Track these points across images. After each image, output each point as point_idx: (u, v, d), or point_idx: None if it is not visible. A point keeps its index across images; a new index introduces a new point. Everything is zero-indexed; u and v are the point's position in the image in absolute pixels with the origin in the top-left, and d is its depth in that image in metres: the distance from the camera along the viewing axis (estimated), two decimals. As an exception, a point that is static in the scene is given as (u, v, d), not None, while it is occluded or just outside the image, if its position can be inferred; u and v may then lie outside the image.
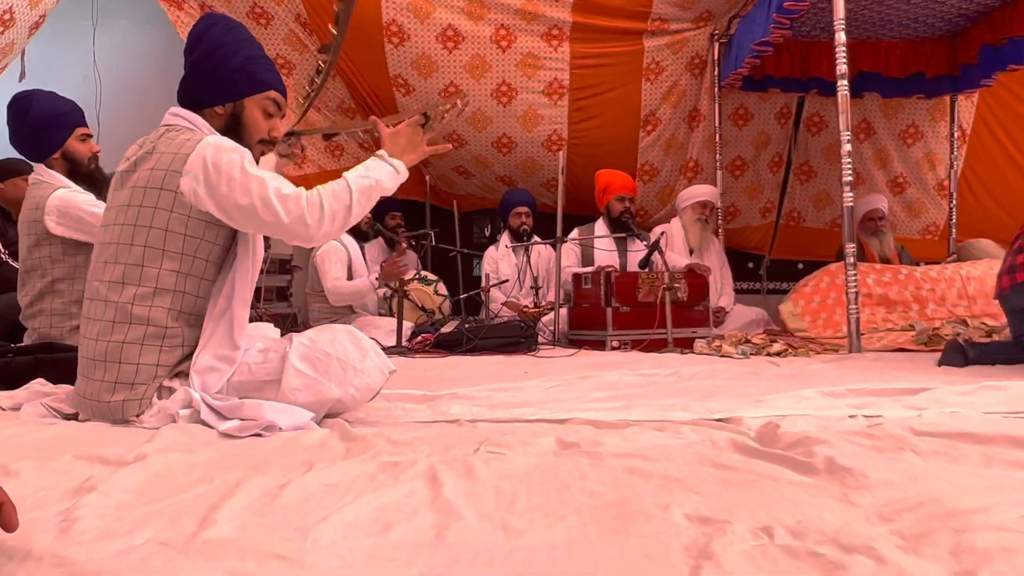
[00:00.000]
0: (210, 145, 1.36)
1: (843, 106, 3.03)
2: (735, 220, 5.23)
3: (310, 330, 1.40)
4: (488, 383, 2.02)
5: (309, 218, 1.36)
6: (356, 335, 1.41)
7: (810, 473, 0.96)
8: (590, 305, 3.55)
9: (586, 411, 1.51)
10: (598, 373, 2.27)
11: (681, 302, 3.48)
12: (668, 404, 1.60)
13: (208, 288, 1.39)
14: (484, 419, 1.45)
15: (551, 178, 5.02)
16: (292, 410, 1.30)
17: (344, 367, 1.37)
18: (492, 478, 0.97)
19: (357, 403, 1.40)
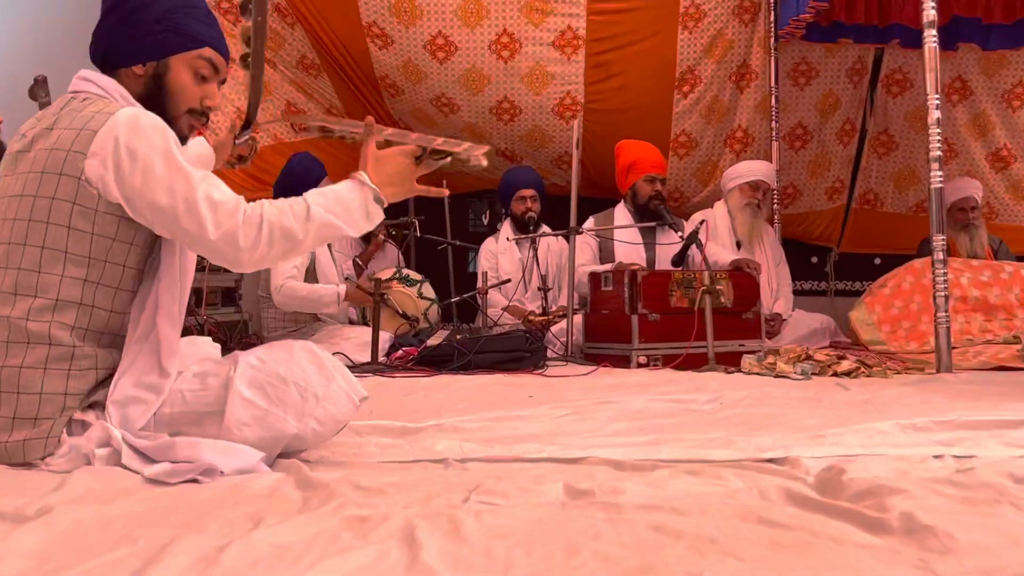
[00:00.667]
0: (124, 121, 1.34)
1: (931, 61, 3.02)
2: (795, 204, 5.23)
3: (259, 348, 1.40)
4: (483, 411, 2.02)
5: (242, 238, 1.35)
6: (318, 354, 1.41)
7: (882, 533, 0.96)
8: (611, 312, 3.56)
9: (604, 448, 1.51)
10: (620, 398, 2.26)
11: (725, 308, 3.48)
12: (706, 439, 1.60)
13: (126, 301, 1.39)
14: (477, 458, 1.46)
15: (563, 153, 5.03)
16: (237, 449, 1.31)
17: (304, 394, 1.37)
18: (484, 537, 0.97)
19: (319, 439, 1.41)
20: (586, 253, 4.13)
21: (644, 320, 3.40)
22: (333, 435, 1.44)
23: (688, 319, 3.36)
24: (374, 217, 1.46)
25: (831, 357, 3.05)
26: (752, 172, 4.25)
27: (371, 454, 1.50)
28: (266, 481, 1.24)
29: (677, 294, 3.46)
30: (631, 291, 3.43)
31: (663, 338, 3.41)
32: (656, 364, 3.34)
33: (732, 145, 4.93)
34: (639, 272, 3.44)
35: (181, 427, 1.35)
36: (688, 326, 3.33)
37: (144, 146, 1.34)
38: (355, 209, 1.44)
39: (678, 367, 3.24)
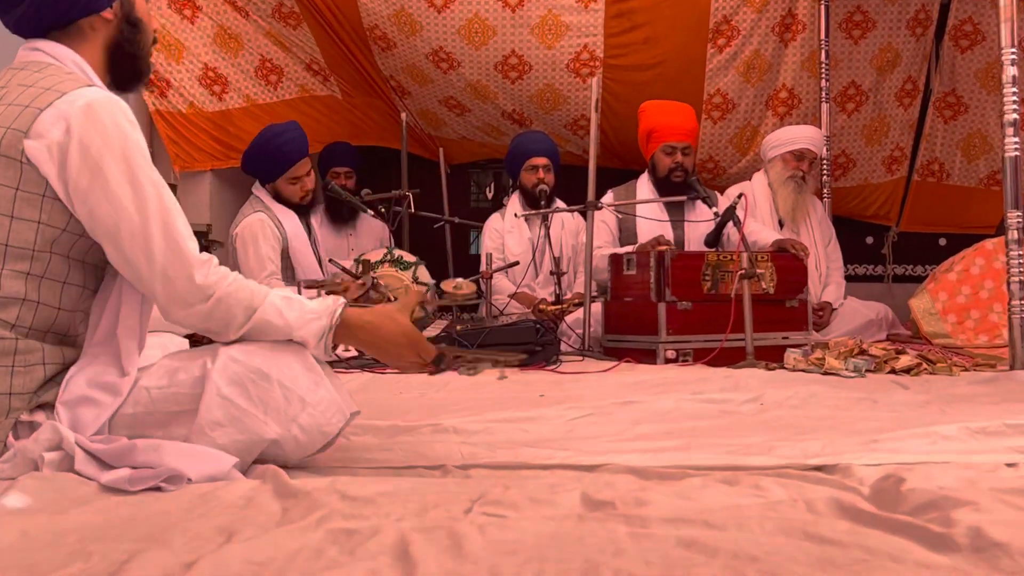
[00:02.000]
0: (82, 108, 1.32)
1: (1007, 11, 3.00)
2: (848, 176, 5.21)
3: (241, 343, 1.41)
4: (487, 411, 2.02)
5: (186, 293, 1.35)
6: (306, 354, 1.42)
7: (947, 551, 0.96)
8: (635, 299, 3.56)
9: (626, 453, 1.51)
10: (645, 398, 2.27)
11: (767, 295, 3.47)
12: (744, 445, 1.60)
13: (75, 297, 1.39)
14: (480, 464, 1.46)
15: (579, 116, 5.01)
16: (206, 454, 1.31)
17: (288, 396, 1.37)
18: (489, 554, 0.97)
19: (301, 450, 1.41)
20: (605, 232, 4.13)
21: (672, 309, 3.40)
22: (316, 451, 1.44)
23: (723, 308, 3.35)
24: (326, 349, 1.45)
25: (888, 352, 3.05)
26: (797, 139, 4.23)
27: (359, 459, 1.50)
28: (240, 489, 1.24)
29: (711, 279, 3.46)
30: (658, 275, 3.43)
31: (694, 330, 3.41)
32: (686, 359, 3.34)
33: (775, 107, 4.90)
34: (667, 253, 3.44)
35: (144, 430, 1.35)
36: (723, 316, 3.33)
37: (99, 141, 1.33)
38: (311, 332, 1.41)
39: (712, 363, 3.24)
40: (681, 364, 3.29)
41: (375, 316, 1.46)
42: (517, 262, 4.24)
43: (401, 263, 3.93)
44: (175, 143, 4.62)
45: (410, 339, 1.45)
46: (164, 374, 1.38)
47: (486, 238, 4.54)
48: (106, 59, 1.47)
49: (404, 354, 1.46)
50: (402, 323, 1.46)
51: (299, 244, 3.88)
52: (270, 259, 3.73)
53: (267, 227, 3.78)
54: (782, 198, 4.22)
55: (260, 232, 3.76)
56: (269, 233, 3.77)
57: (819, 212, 4.42)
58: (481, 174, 5.76)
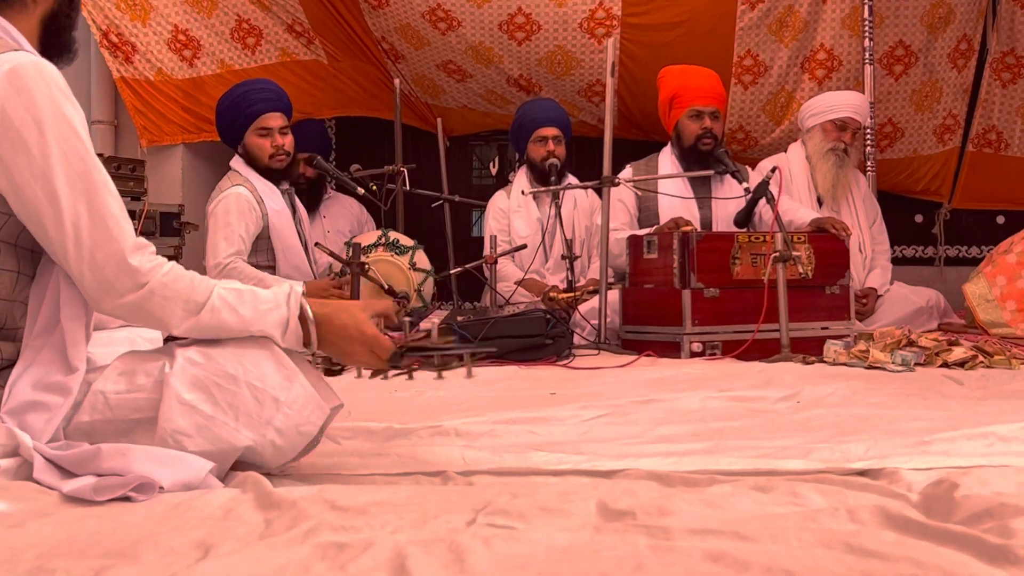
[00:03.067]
0: (5, 71, 1.32)
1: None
2: (895, 147, 5.19)
3: (200, 343, 1.40)
4: (492, 411, 2.03)
5: (126, 269, 1.34)
6: (274, 348, 1.42)
7: (1006, 564, 0.96)
8: (656, 286, 3.56)
9: (647, 457, 1.52)
10: (668, 395, 2.27)
11: (804, 281, 3.46)
12: (779, 447, 1.60)
13: (8, 285, 1.39)
14: (484, 469, 1.47)
15: (594, 81, 5.00)
16: (179, 459, 1.32)
17: (260, 397, 1.38)
18: (495, 569, 0.97)
19: (280, 456, 1.42)
20: (623, 211, 4.12)
21: (698, 296, 3.39)
22: (297, 454, 1.44)
23: (755, 295, 3.35)
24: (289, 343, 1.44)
25: (940, 343, 3.04)
26: (838, 106, 4.21)
27: (350, 464, 1.51)
28: (218, 499, 1.25)
29: (742, 262, 3.45)
30: (682, 259, 3.43)
31: (723, 319, 3.40)
32: (714, 352, 3.34)
33: (812, 70, 4.87)
34: (692, 234, 3.43)
35: (104, 440, 1.35)
36: (755, 304, 3.32)
37: (23, 110, 1.32)
38: (272, 323, 1.41)
39: (742, 356, 3.24)
40: (708, 358, 3.29)
41: (330, 308, 1.47)
42: (524, 245, 4.23)
43: (397, 247, 3.93)
44: (142, 114, 4.62)
45: (364, 335, 1.45)
46: (122, 377, 1.38)
47: (490, 218, 4.54)
48: (40, 31, 1.47)
49: (357, 351, 1.46)
50: (357, 317, 1.46)
51: (282, 224, 3.88)
52: (241, 237, 3.72)
53: (245, 202, 3.77)
54: (821, 173, 4.21)
55: (236, 207, 3.74)
56: (246, 208, 3.75)
57: (862, 188, 4.40)
58: (484, 147, 5.75)
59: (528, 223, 4.44)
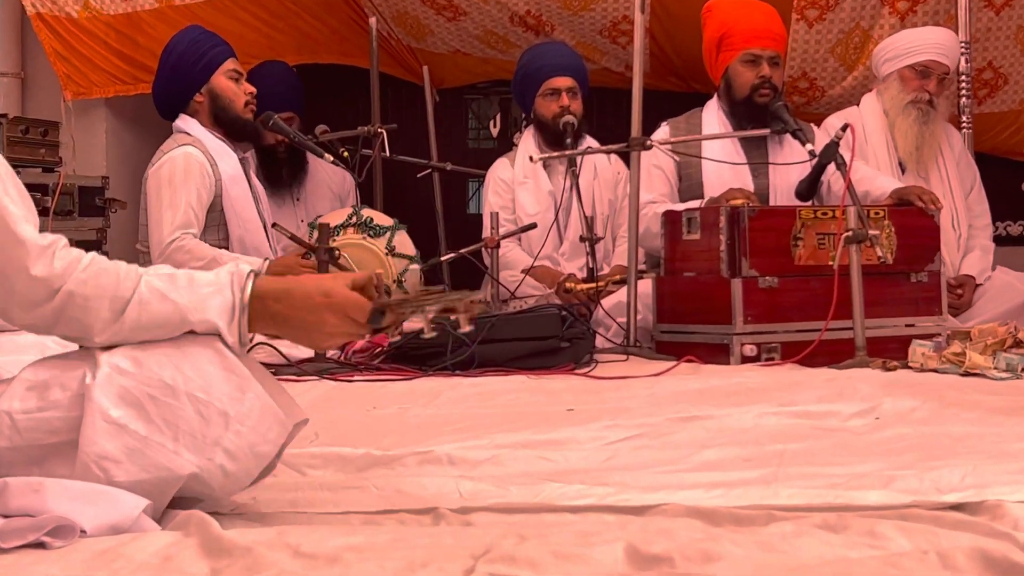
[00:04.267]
0: None
1: None
2: (996, 98, 5.15)
3: (129, 347, 1.40)
4: (495, 432, 2.02)
5: (35, 276, 1.35)
6: (223, 351, 1.41)
7: None
8: (699, 274, 3.55)
9: (688, 489, 1.51)
10: (714, 411, 2.27)
11: (883, 267, 3.45)
12: (852, 475, 1.60)
13: None
14: (486, 506, 1.46)
15: (620, 18, 4.99)
16: (105, 495, 1.32)
17: (205, 412, 1.37)
18: (498, 630, 0.98)
19: (232, 484, 1.42)
20: (659, 181, 4.11)
21: (752, 287, 3.38)
22: (252, 480, 1.45)
23: (823, 284, 3.34)
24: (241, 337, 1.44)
25: (1054, 344, 3.03)
26: (919, 47, 4.18)
27: (318, 500, 1.51)
28: (154, 544, 1.25)
29: (806, 244, 3.44)
30: (731, 240, 3.42)
31: (782, 315, 3.39)
32: (771, 357, 3.33)
33: (893, 3, 4.85)
34: (743, 209, 3.43)
35: (10, 470, 1.35)
36: (823, 296, 3.31)
37: None
38: (216, 310, 1.41)
39: (806, 362, 3.23)
40: (764, 364, 3.29)
41: (288, 281, 1.48)
42: (534, 225, 4.23)
43: (372, 228, 3.93)
44: (64, 60, 4.59)
45: (332, 299, 1.45)
46: (31, 392, 1.38)
47: (490, 192, 4.53)
48: None
49: (328, 321, 1.45)
50: (323, 283, 1.46)
51: (238, 193, 3.88)
52: (191, 208, 3.71)
53: (196, 164, 3.77)
54: (901, 131, 4.18)
55: (184, 170, 3.74)
56: (197, 172, 3.75)
57: (956, 149, 4.38)
58: (482, 102, 5.73)
59: (538, 197, 4.43)
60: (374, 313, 1.45)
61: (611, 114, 4.85)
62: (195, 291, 1.42)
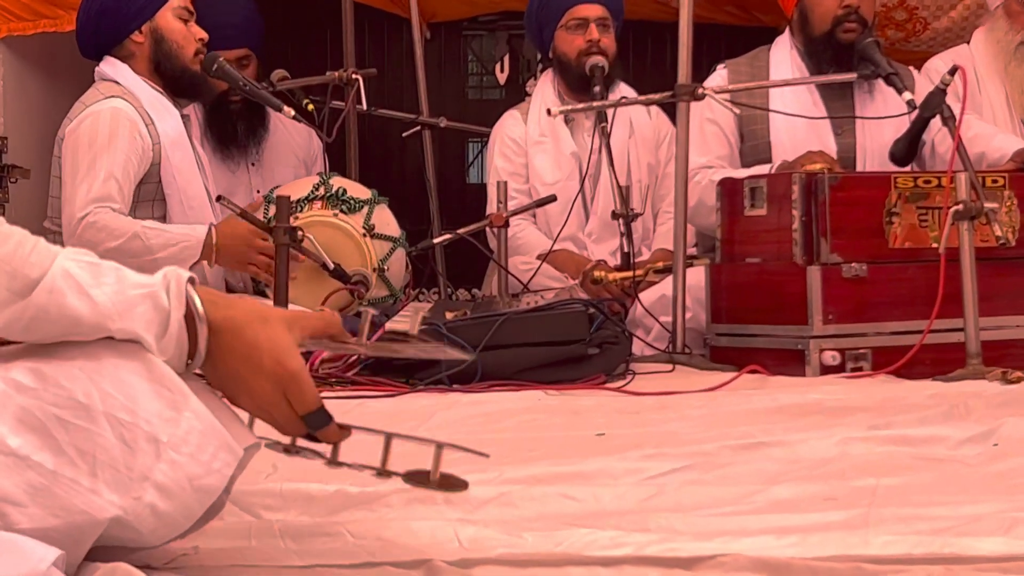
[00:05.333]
0: None
1: None
2: None
3: (30, 354, 1.40)
4: (504, 462, 2.03)
5: None
6: (152, 360, 1.41)
7: None
8: (766, 260, 3.55)
9: (753, 536, 1.51)
10: (786, 436, 2.27)
11: (1005, 250, 3.44)
12: (965, 518, 1.60)
13: None
14: (493, 557, 1.47)
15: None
16: (5, 546, 1.31)
17: (129, 438, 1.36)
18: None
19: (169, 527, 1.41)
20: (715, 141, 4.12)
21: (834, 276, 3.38)
22: (194, 523, 1.44)
23: (925, 273, 3.35)
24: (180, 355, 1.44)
25: None
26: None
27: (277, 551, 1.51)
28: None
29: (903, 222, 3.44)
30: (807, 216, 3.41)
31: (873, 313, 3.40)
32: (859, 366, 3.33)
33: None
34: (823, 177, 3.42)
35: None
36: (925, 288, 3.32)
37: None
38: (139, 328, 1.41)
39: (904, 372, 3.24)
40: (850, 375, 3.28)
41: (238, 310, 1.45)
42: (553, 197, 4.22)
43: (345, 201, 3.93)
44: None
45: (280, 367, 1.42)
46: None
47: (496, 155, 4.53)
48: None
49: (263, 390, 1.43)
50: (277, 336, 1.43)
51: (181, 161, 3.88)
52: (114, 176, 3.69)
53: (125, 123, 3.77)
54: (1015, 79, 4.17)
55: (111, 129, 3.74)
56: (126, 133, 3.75)
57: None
58: (485, 40, 5.74)
59: (558, 161, 4.44)
60: (318, 414, 1.43)
61: (652, 54, 4.85)
62: (122, 291, 1.42)
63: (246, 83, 4.13)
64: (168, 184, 3.86)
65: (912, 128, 3.68)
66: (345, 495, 1.75)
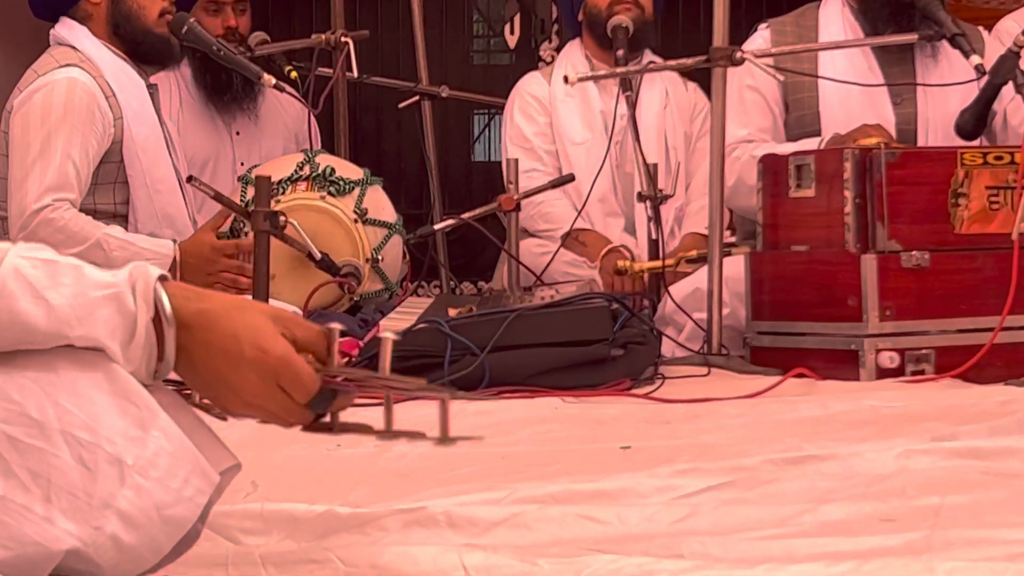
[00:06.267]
0: None
1: None
2: None
3: None
4: (515, 479, 2.03)
5: None
6: (116, 371, 1.41)
7: None
8: (813, 248, 3.55)
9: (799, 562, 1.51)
10: (838, 449, 2.27)
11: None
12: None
13: None
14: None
15: None
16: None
17: (89, 460, 1.37)
18: None
19: (135, 563, 1.40)
20: (755, 111, 4.12)
21: (892, 266, 3.38)
22: (163, 556, 1.44)
23: (997, 263, 3.35)
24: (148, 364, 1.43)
25: None
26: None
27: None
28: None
29: (972, 204, 3.43)
30: (861, 197, 3.41)
31: (937, 308, 3.39)
32: (921, 369, 3.33)
33: None
34: (880, 152, 3.42)
35: None
36: (996, 279, 3.32)
37: None
38: (101, 335, 1.41)
39: (973, 375, 3.24)
40: (911, 379, 3.28)
41: (214, 302, 1.45)
42: (571, 176, 4.22)
43: (333, 182, 3.93)
44: None
45: (266, 356, 1.42)
46: None
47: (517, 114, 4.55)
48: None
49: (249, 383, 1.43)
50: (257, 324, 1.44)
51: (147, 138, 3.87)
52: (71, 160, 3.67)
53: (83, 96, 3.76)
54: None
55: (67, 103, 3.73)
56: (84, 108, 3.74)
57: None
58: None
59: (587, 119, 4.45)
60: (322, 395, 1.44)
61: (684, 15, 4.85)
62: (82, 292, 1.41)
63: (220, 47, 4.12)
64: (131, 164, 3.85)
65: (981, 96, 3.68)
66: (334, 516, 1.75)
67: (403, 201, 4.09)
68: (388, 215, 3.95)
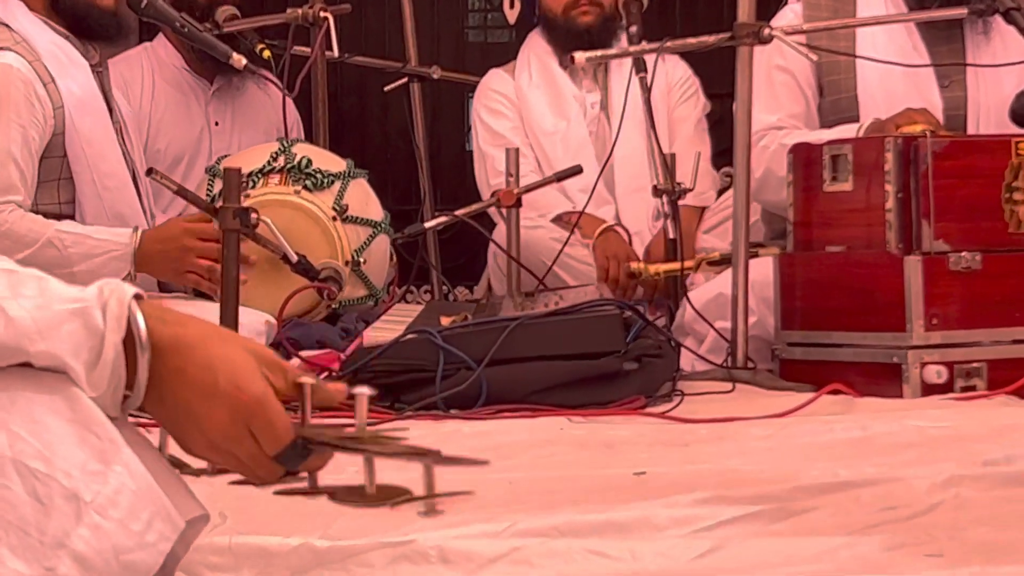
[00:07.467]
0: None
1: None
2: None
3: None
4: (517, 509, 2.04)
5: None
6: (79, 400, 1.41)
7: None
8: (851, 249, 3.56)
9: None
10: (878, 474, 2.27)
11: None
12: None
13: None
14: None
15: None
16: None
17: (45, 496, 1.37)
18: None
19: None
20: (786, 94, 4.13)
21: (939, 269, 3.39)
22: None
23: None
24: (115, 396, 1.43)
25: None
26: None
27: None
28: None
29: None
30: (906, 193, 3.42)
31: (989, 317, 3.41)
32: (972, 385, 3.34)
33: None
34: (925, 141, 3.43)
35: None
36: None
37: None
38: (65, 354, 1.41)
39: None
40: (960, 396, 3.29)
41: (192, 328, 1.45)
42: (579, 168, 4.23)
43: (310, 175, 3.94)
44: None
45: (240, 394, 1.42)
46: None
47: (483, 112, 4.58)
48: None
49: (217, 420, 1.43)
50: (235, 357, 1.43)
51: (91, 123, 3.87)
52: (13, 156, 3.65)
53: (19, 83, 3.76)
54: None
55: (3, 91, 3.71)
56: (20, 96, 3.73)
57: None
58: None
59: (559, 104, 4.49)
60: (294, 449, 1.43)
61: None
62: (46, 304, 1.42)
63: (184, 24, 4.12)
64: (75, 159, 3.85)
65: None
66: (311, 550, 1.76)
67: (390, 196, 4.09)
68: (373, 212, 3.96)
